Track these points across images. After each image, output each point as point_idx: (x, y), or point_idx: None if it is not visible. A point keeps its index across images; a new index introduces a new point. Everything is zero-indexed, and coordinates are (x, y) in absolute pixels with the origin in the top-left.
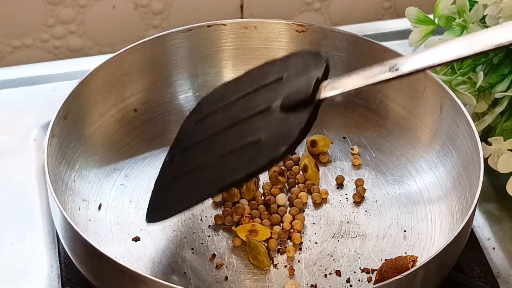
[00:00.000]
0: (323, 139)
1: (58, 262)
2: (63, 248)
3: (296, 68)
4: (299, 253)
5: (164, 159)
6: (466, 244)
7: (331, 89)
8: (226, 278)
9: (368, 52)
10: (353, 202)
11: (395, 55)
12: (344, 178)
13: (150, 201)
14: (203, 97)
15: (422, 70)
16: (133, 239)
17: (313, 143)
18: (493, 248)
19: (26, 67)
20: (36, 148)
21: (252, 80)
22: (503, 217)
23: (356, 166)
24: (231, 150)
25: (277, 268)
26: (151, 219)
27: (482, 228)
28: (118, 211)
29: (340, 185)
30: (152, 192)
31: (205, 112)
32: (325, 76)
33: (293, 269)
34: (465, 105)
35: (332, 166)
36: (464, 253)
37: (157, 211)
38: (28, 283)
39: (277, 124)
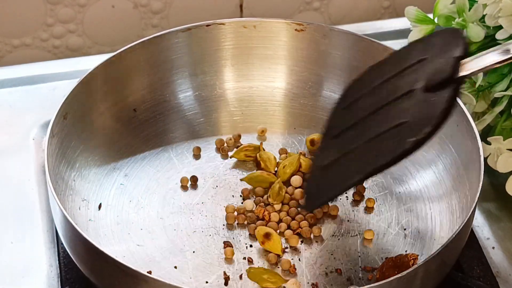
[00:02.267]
0: None
1: (57, 262)
2: (63, 247)
3: (437, 47)
4: (300, 252)
5: (317, 147)
6: (465, 244)
7: (471, 66)
8: (228, 278)
9: (367, 50)
10: (353, 200)
11: None
12: None
13: (306, 189)
14: (349, 83)
15: None
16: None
17: (313, 142)
18: (493, 248)
19: (25, 66)
20: (36, 148)
21: (396, 63)
22: (502, 217)
23: None
24: (378, 134)
25: (278, 267)
26: (308, 206)
27: (482, 228)
28: (118, 210)
29: None
30: (307, 179)
31: (351, 98)
32: (465, 54)
33: (295, 268)
34: (464, 104)
35: None
36: (463, 252)
37: (312, 198)
38: (28, 282)
39: (421, 105)
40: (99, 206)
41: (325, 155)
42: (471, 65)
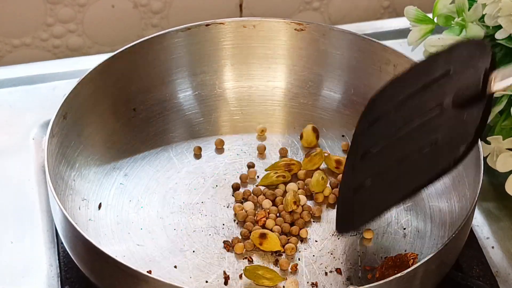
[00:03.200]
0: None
1: (57, 261)
2: (63, 247)
3: (461, 60)
4: (300, 252)
5: (344, 166)
6: (465, 243)
7: (501, 80)
8: (228, 277)
9: (366, 50)
10: None
11: (394, 53)
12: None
13: (337, 211)
14: (371, 97)
15: None
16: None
17: (301, 135)
18: (492, 247)
19: (25, 66)
20: (36, 147)
21: (419, 76)
22: (502, 216)
23: None
24: (409, 153)
25: (278, 266)
26: (342, 229)
27: (481, 227)
28: (118, 210)
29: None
30: (338, 201)
31: (376, 114)
32: (492, 66)
33: (296, 267)
34: None
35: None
36: (463, 252)
37: (346, 221)
38: (28, 282)
39: (452, 123)
40: (99, 206)
41: (356, 176)
42: (501, 79)
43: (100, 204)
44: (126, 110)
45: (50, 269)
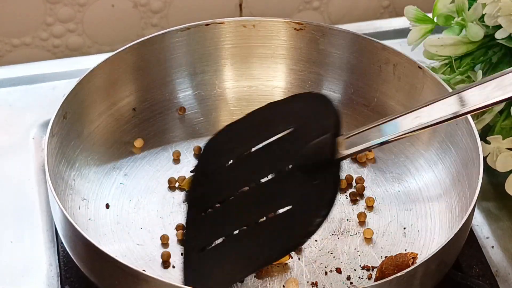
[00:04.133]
0: None
1: (57, 261)
2: (63, 247)
3: (304, 117)
4: (300, 251)
5: (186, 214)
6: (465, 243)
7: (351, 146)
8: None
9: (366, 49)
10: (353, 199)
11: (393, 52)
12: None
13: (185, 274)
14: (206, 144)
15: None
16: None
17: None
18: (492, 247)
19: (25, 65)
20: (35, 147)
21: (259, 129)
22: (502, 216)
23: (355, 164)
24: (262, 220)
25: (277, 266)
26: (194, 284)
27: (481, 227)
28: (118, 210)
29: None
30: (184, 261)
31: (214, 166)
32: (337, 129)
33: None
34: None
35: None
36: (463, 251)
37: (199, 279)
38: (28, 282)
39: (303, 190)
40: (107, 206)
41: (200, 234)
42: (349, 145)
43: (108, 204)
44: (126, 109)
45: (50, 268)
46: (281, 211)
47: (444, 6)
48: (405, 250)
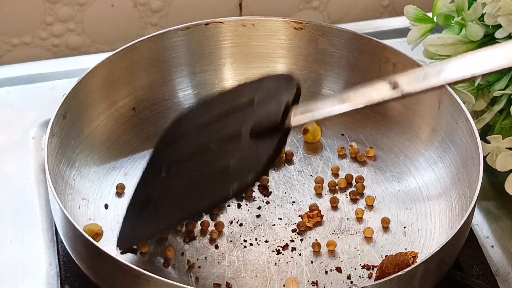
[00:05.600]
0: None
1: (57, 260)
2: (62, 246)
3: (267, 91)
4: (300, 250)
5: (137, 183)
6: (464, 242)
7: (301, 115)
8: (227, 275)
9: (365, 48)
10: (353, 199)
11: (393, 51)
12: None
13: (121, 226)
14: (176, 117)
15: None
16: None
17: (305, 130)
18: (492, 246)
19: (24, 65)
20: (35, 146)
21: (225, 101)
22: (501, 215)
23: (355, 163)
24: (201, 176)
25: (278, 266)
26: (121, 245)
27: (481, 226)
28: (118, 209)
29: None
30: (124, 218)
31: (177, 135)
32: (296, 101)
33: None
34: (464, 103)
35: (331, 163)
36: (462, 251)
37: (126, 237)
38: (27, 281)
39: (246, 151)
40: (106, 206)
41: (144, 193)
42: (300, 114)
43: (106, 204)
44: (126, 109)
45: (49, 268)
46: (220, 167)
47: (444, 6)
48: (405, 249)
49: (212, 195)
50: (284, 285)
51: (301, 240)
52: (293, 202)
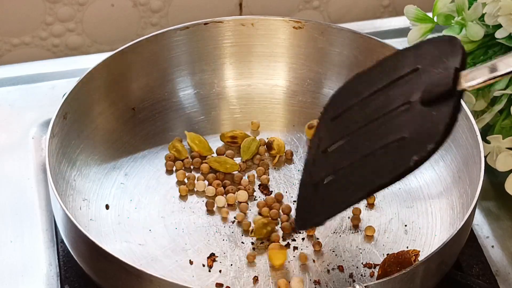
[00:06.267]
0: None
1: (57, 261)
2: (62, 246)
3: (431, 57)
4: (301, 250)
5: (305, 160)
6: (465, 242)
7: (472, 79)
8: (229, 275)
9: (365, 48)
10: None
11: (393, 50)
12: None
13: (297, 207)
14: (335, 92)
15: None
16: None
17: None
18: (492, 246)
19: (24, 65)
20: (35, 146)
21: (386, 72)
22: (502, 215)
23: None
24: (375, 149)
25: (278, 268)
26: (301, 226)
27: (481, 226)
28: (119, 210)
29: None
30: (298, 196)
31: (340, 109)
32: (463, 64)
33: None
34: (464, 102)
35: None
36: (463, 251)
37: (306, 217)
38: (27, 281)
39: (420, 120)
40: (107, 207)
41: (316, 171)
42: (472, 77)
43: (107, 205)
44: (126, 109)
45: (49, 268)
46: (394, 139)
47: (444, 6)
48: (407, 247)
49: (392, 169)
50: (289, 282)
51: (303, 239)
52: (294, 201)
